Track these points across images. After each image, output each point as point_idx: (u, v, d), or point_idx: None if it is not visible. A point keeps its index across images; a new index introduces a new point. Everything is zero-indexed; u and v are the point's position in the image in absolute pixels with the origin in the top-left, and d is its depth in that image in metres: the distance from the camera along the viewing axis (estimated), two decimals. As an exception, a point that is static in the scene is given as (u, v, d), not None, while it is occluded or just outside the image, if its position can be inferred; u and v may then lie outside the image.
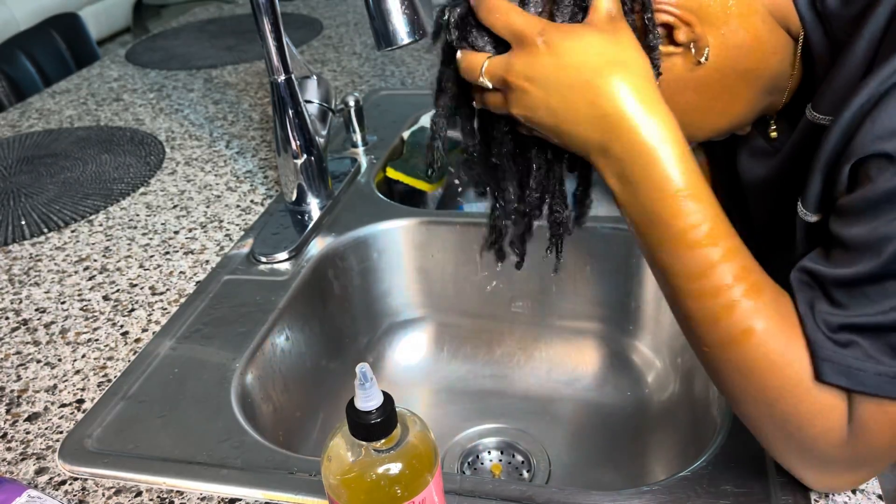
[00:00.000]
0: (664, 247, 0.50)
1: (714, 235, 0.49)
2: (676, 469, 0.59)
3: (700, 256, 0.49)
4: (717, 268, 0.48)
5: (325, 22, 1.77)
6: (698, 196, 0.48)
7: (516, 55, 0.50)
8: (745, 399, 0.50)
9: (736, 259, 0.49)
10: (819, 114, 0.54)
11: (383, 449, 0.45)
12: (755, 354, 0.48)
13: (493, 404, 0.93)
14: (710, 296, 0.49)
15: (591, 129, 0.49)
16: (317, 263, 0.89)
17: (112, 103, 1.41)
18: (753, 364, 0.48)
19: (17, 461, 0.65)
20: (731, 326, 0.48)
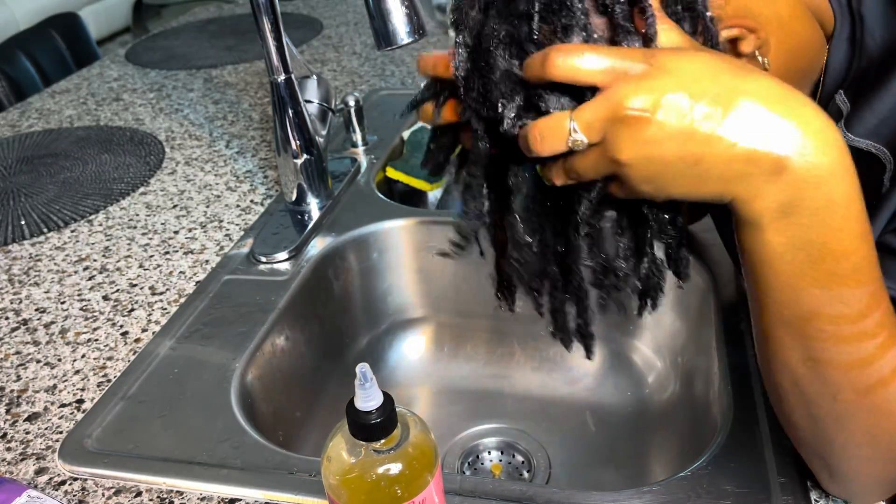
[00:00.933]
0: (829, 286, 0.42)
1: (877, 269, 0.43)
2: (676, 469, 0.59)
3: (868, 294, 0.43)
4: (881, 306, 0.43)
5: (325, 22, 1.77)
6: (867, 226, 0.42)
7: (619, 86, 0.40)
8: (871, 447, 0.47)
9: (885, 303, 0.44)
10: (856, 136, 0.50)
11: (383, 449, 0.45)
12: (885, 408, 0.45)
13: (493, 404, 0.93)
14: (869, 336, 0.43)
15: (741, 157, 0.40)
16: (317, 263, 0.89)
17: (112, 103, 1.41)
18: (891, 409, 0.45)
19: (17, 461, 0.64)
20: (885, 366, 0.44)
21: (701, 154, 0.40)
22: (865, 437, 0.47)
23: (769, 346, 0.47)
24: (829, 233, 0.41)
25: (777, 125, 0.39)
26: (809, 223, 0.41)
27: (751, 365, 0.67)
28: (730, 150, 0.39)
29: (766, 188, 0.40)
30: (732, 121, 0.39)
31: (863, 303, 0.42)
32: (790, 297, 0.44)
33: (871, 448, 0.47)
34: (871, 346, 0.43)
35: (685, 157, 0.40)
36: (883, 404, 0.45)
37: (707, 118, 0.39)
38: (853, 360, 0.44)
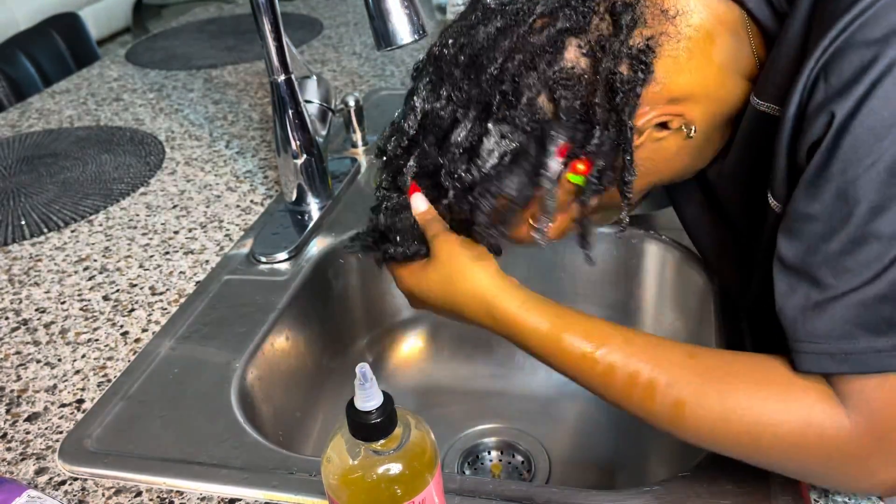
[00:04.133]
0: (570, 376, 0.56)
1: (595, 341, 0.54)
2: (676, 469, 0.59)
3: (595, 367, 0.53)
4: (614, 365, 0.52)
5: (325, 22, 1.77)
6: (564, 324, 0.55)
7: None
8: (739, 452, 0.51)
9: (628, 349, 0.53)
10: (762, 101, 0.55)
11: (383, 449, 0.45)
12: (696, 420, 0.50)
13: (493, 404, 0.93)
14: (628, 392, 0.52)
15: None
16: (317, 263, 0.89)
17: (112, 103, 1.41)
18: (701, 427, 0.50)
19: (17, 461, 0.65)
20: (663, 408, 0.51)
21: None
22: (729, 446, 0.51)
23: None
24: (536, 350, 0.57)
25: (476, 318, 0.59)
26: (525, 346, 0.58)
27: (751, 365, 0.67)
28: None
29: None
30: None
31: (597, 374, 0.53)
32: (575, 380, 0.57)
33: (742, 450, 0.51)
34: (637, 398, 0.52)
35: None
36: (709, 428, 0.50)
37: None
38: (642, 413, 0.53)
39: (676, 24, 0.54)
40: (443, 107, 0.57)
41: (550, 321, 0.56)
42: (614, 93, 0.53)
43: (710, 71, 0.55)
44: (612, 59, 0.53)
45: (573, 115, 0.53)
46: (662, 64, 0.54)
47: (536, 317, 0.56)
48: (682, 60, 0.55)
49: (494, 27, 0.55)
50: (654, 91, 0.54)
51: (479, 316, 0.58)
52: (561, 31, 0.54)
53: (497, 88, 0.54)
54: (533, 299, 0.57)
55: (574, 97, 0.53)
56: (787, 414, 0.48)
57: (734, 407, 0.49)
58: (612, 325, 0.55)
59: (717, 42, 0.55)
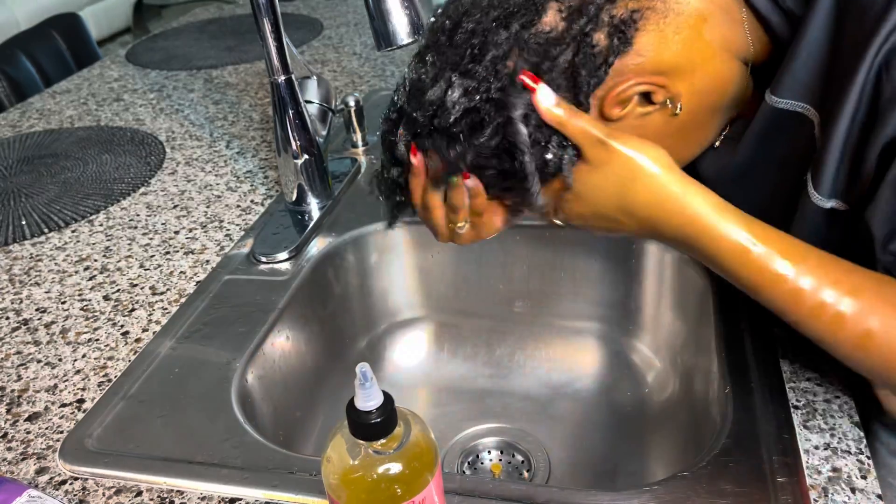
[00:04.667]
0: (753, 291, 0.53)
1: (790, 261, 0.51)
2: (676, 469, 0.59)
3: (785, 288, 0.51)
4: (804, 290, 0.51)
5: (325, 22, 1.77)
6: (759, 235, 0.51)
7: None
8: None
9: (820, 273, 0.51)
10: (781, 98, 0.55)
11: (383, 449, 0.45)
12: (886, 350, 0.50)
13: (493, 404, 0.93)
14: (815, 317, 0.51)
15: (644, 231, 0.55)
16: (317, 263, 0.89)
17: (112, 103, 1.41)
18: (891, 357, 0.50)
19: (18, 461, 0.65)
20: (851, 336, 0.50)
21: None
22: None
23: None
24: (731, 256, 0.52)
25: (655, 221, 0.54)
26: (705, 258, 0.54)
27: (750, 365, 0.68)
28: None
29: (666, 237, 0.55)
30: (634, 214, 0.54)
31: (798, 288, 0.51)
32: (757, 297, 0.54)
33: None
34: (825, 324, 0.51)
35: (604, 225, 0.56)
36: (881, 359, 0.50)
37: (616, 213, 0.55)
38: (822, 336, 0.52)
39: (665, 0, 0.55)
40: (426, 71, 0.56)
41: (747, 229, 0.52)
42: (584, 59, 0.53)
43: (698, 47, 0.55)
44: (590, 23, 0.53)
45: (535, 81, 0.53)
46: (647, 37, 0.54)
47: (730, 224, 0.52)
48: (669, 35, 0.55)
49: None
50: (636, 62, 0.54)
51: (660, 216, 0.53)
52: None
53: (468, 42, 0.54)
54: (725, 203, 0.53)
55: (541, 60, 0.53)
56: None
57: None
58: (806, 246, 0.53)
59: (708, 20, 0.55)
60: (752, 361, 0.68)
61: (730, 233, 0.52)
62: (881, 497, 0.55)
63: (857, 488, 0.55)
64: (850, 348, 0.51)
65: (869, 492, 0.55)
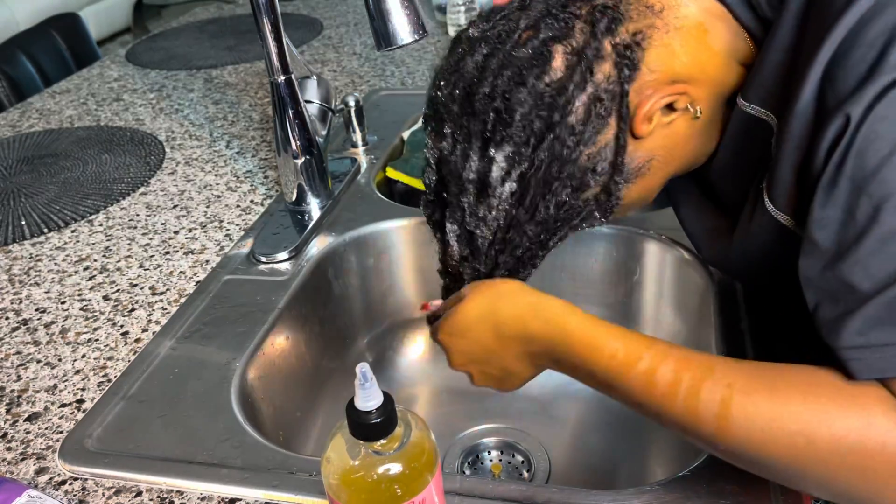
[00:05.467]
0: (606, 387, 0.56)
1: (643, 348, 0.52)
2: (676, 469, 0.59)
3: (636, 375, 0.52)
4: (656, 372, 0.50)
5: (325, 22, 1.77)
6: (610, 332, 0.55)
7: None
8: (792, 469, 0.46)
9: (664, 363, 0.50)
10: (749, 103, 0.55)
11: (383, 449, 0.45)
12: (747, 421, 0.46)
13: (493, 404, 0.93)
14: (665, 411, 0.50)
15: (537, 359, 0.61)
16: (317, 263, 0.89)
17: (112, 103, 1.41)
18: (755, 427, 0.46)
19: (18, 461, 0.65)
20: (709, 405, 0.47)
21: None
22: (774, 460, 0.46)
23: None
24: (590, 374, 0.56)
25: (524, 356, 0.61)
26: (587, 378, 0.57)
27: (751, 365, 0.67)
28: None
29: (555, 366, 0.60)
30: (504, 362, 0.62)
31: (647, 385, 0.51)
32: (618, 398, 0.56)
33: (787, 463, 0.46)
34: (686, 403, 0.49)
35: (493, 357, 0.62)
36: (740, 433, 0.47)
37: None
38: (684, 420, 0.49)
39: (664, 17, 0.55)
40: (450, 147, 0.57)
41: (595, 325, 0.56)
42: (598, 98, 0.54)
43: (707, 56, 0.56)
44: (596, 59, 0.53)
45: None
46: (655, 54, 0.55)
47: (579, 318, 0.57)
48: (676, 48, 0.55)
49: (481, 54, 0.56)
50: (652, 78, 0.55)
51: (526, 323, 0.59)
52: (545, 40, 0.54)
53: (490, 108, 0.54)
54: (571, 307, 0.58)
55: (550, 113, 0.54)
56: (844, 418, 0.43)
57: (786, 410, 0.45)
58: (655, 339, 0.54)
59: (710, 31, 0.56)
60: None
61: (581, 324, 0.56)
62: (881, 497, 0.54)
63: (857, 488, 0.55)
64: (711, 423, 0.47)
65: (869, 492, 0.55)
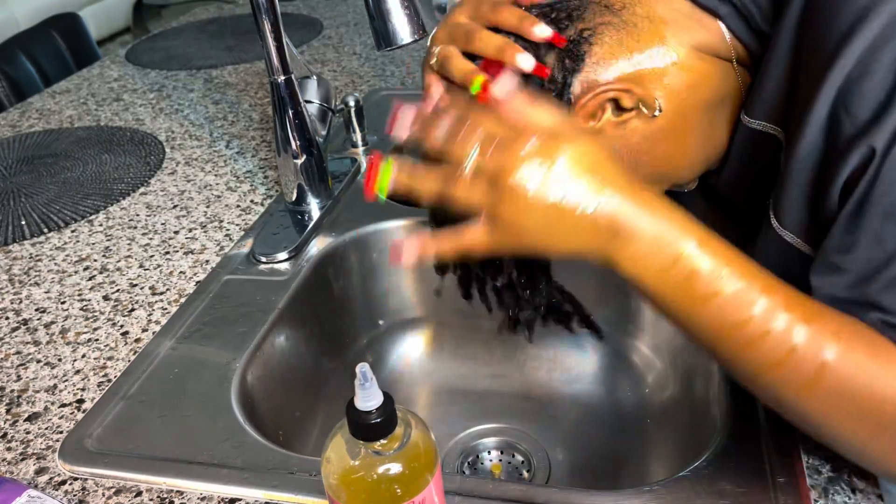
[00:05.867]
0: (708, 303, 0.47)
1: (748, 265, 0.46)
2: (676, 469, 0.59)
3: (749, 292, 0.46)
4: (757, 306, 0.45)
5: (325, 22, 1.77)
6: (709, 246, 0.46)
7: (514, 153, 0.47)
8: (865, 430, 0.46)
9: (775, 294, 0.46)
10: (753, 119, 0.55)
11: (383, 449, 0.45)
12: (845, 375, 0.44)
13: (493, 404, 0.93)
14: (774, 330, 0.45)
15: (596, 235, 0.50)
16: (317, 263, 0.89)
17: (112, 103, 1.41)
18: (850, 385, 0.44)
19: (17, 461, 0.65)
20: (805, 358, 0.45)
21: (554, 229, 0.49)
22: (850, 421, 0.46)
23: (735, 376, 0.50)
24: (670, 263, 0.47)
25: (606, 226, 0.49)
26: (656, 264, 0.47)
27: (751, 365, 0.67)
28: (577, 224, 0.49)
29: (611, 249, 0.50)
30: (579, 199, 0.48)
31: (751, 302, 0.45)
32: (692, 324, 0.48)
33: (862, 426, 0.46)
34: (784, 337, 0.45)
35: (549, 224, 0.49)
36: (835, 385, 0.45)
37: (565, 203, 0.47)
38: (779, 355, 0.45)
39: (621, 15, 0.55)
40: None
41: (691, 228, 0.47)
42: (545, 88, 0.54)
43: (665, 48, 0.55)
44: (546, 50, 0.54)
45: None
46: (603, 49, 0.54)
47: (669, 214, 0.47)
48: (628, 42, 0.55)
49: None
50: (595, 75, 0.54)
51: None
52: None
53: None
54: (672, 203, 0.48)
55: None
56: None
57: (884, 373, 0.44)
58: (757, 265, 0.47)
59: (669, 23, 0.55)
60: (752, 361, 0.68)
61: (657, 224, 0.47)
62: (881, 497, 0.54)
63: (857, 488, 0.55)
64: (801, 383, 0.45)
65: (869, 492, 0.55)
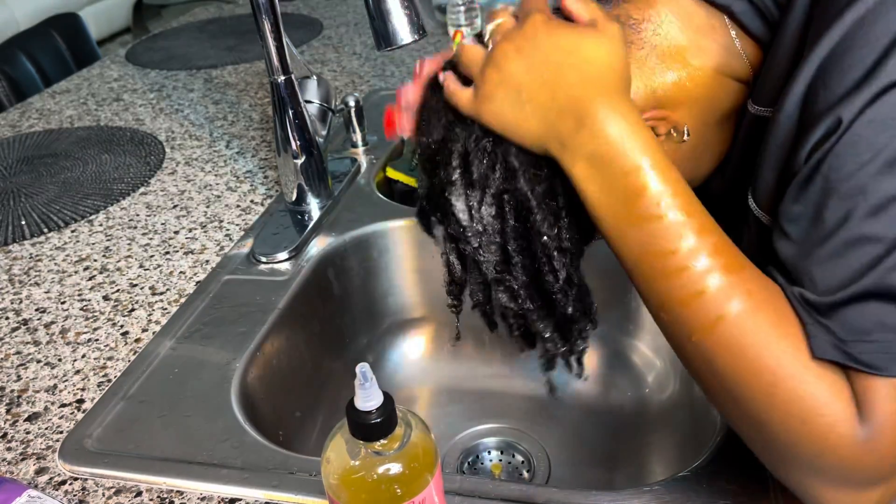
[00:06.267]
0: (642, 223, 0.47)
1: (693, 203, 0.47)
2: (676, 469, 0.59)
3: (685, 227, 0.46)
4: (708, 237, 0.46)
5: (325, 22, 1.77)
6: (661, 169, 0.47)
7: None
8: (742, 393, 0.45)
9: (707, 236, 0.46)
10: (759, 106, 0.55)
11: (383, 449, 0.45)
12: (741, 332, 0.44)
13: (493, 404, 0.93)
14: (697, 267, 0.45)
15: (561, 120, 0.49)
16: (317, 263, 0.89)
17: (112, 103, 1.41)
18: (742, 343, 0.44)
19: (18, 461, 0.65)
20: (711, 303, 0.45)
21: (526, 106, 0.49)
22: (727, 380, 0.45)
23: (643, 302, 0.52)
24: (625, 175, 0.47)
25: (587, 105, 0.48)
26: (609, 171, 0.48)
27: (751, 365, 0.67)
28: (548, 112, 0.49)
29: (572, 142, 0.49)
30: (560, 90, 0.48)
31: (681, 235, 0.46)
32: (620, 241, 0.49)
33: (736, 387, 0.45)
34: (703, 277, 0.45)
35: (521, 97, 0.49)
36: (729, 345, 0.44)
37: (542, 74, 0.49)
38: (689, 293, 0.46)
39: (641, 32, 0.54)
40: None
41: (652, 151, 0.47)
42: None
43: (689, 73, 0.55)
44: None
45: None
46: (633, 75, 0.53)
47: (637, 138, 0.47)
48: (653, 65, 0.55)
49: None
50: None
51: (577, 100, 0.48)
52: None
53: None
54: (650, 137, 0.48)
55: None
56: (812, 383, 0.43)
57: (776, 344, 0.44)
58: (703, 209, 0.48)
59: (693, 47, 0.55)
60: (752, 361, 0.68)
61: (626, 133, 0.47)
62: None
63: (857, 488, 0.55)
64: (704, 323, 0.45)
65: (869, 492, 0.55)
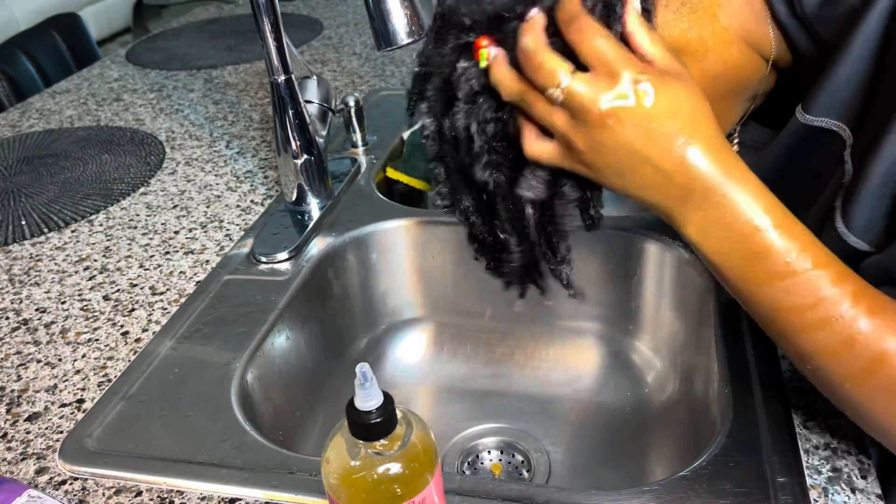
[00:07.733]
0: (771, 282, 0.46)
1: (820, 251, 0.46)
2: (676, 469, 0.59)
3: (818, 278, 0.45)
4: (825, 292, 0.45)
5: (325, 22, 1.77)
6: (784, 226, 0.45)
7: (604, 84, 0.44)
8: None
9: (844, 285, 0.45)
10: (812, 116, 0.54)
11: (383, 449, 0.45)
12: (893, 379, 0.44)
13: (493, 404, 0.93)
14: (838, 317, 0.45)
15: (668, 190, 0.46)
16: (317, 263, 0.89)
17: (112, 103, 1.41)
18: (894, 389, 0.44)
19: (17, 461, 0.65)
20: (862, 352, 0.45)
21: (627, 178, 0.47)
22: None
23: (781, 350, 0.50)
24: (742, 237, 0.45)
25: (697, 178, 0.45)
26: (726, 234, 0.46)
27: (750, 365, 0.68)
28: (648, 190, 0.47)
29: (683, 212, 0.47)
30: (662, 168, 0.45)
31: (819, 288, 0.45)
32: (750, 300, 0.48)
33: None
34: (849, 326, 0.45)
35: (623, 169, 0.46)
36: (887, 378, 0.44)
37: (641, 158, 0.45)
38: (835, 343, 0.45)
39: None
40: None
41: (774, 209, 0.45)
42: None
43: (712, 30, 0.54)
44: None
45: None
46: (659, 12, 0.53)
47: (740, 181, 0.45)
48: (683, 12, 0.53)
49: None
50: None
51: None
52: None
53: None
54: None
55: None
56: None
57: None
58: (826, 249, 0.46)
59: (724, 4, 0.54)
60: (752, 361, 0.68)
61: (739, 194, 0.45)
62: (881, 497, 0.54)
63: (857, 488, 0.55)
64: (857, 372, 0.45)
65: (869, 492, 0.55)
